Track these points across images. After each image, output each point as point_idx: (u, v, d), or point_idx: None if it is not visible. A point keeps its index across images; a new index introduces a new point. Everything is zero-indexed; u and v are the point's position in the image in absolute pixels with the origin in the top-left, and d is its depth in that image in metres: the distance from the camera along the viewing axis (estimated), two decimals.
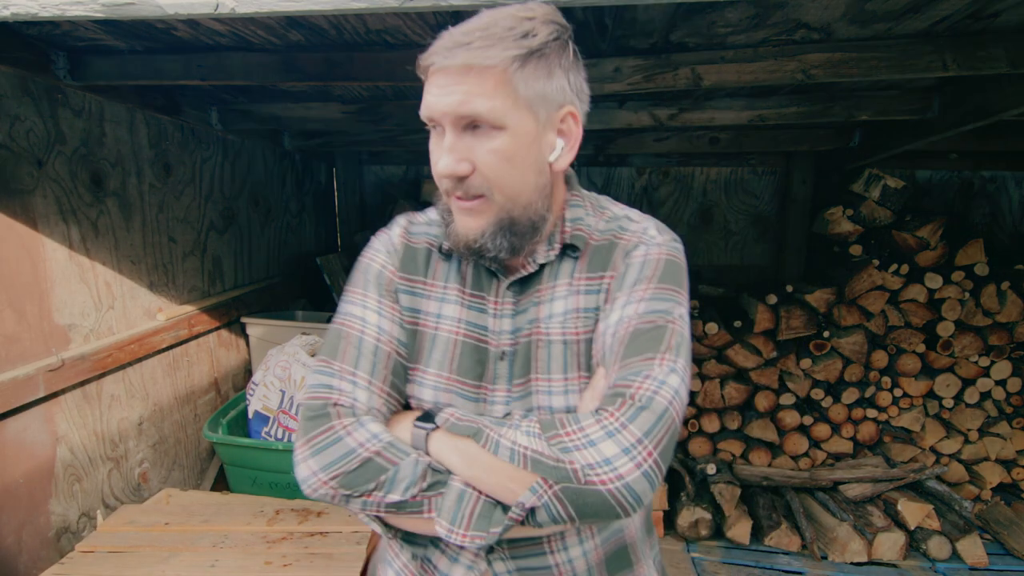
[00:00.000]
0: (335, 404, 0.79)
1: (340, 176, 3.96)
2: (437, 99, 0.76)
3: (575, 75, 0.81)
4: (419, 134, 3.09)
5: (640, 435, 0.71)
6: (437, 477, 0.77)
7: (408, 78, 1.79)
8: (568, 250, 0.88)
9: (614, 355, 0.78)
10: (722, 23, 1.58)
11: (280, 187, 3.30)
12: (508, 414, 0.84)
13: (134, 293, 2.13)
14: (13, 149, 1.63)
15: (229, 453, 2.22)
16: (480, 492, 0.76)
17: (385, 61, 1.76)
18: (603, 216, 0.91)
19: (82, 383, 1.86)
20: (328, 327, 0.92)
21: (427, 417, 0.82)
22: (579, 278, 0.87)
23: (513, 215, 0.80)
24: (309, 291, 3.54)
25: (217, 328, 2.60)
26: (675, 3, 1.27)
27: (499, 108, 0.74)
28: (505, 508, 0.74)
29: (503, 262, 0.86)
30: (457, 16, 1.52)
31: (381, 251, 0.93)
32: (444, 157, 0.77)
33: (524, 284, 0.88)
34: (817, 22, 1.57)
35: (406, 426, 0.82)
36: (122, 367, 2.03)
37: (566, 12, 1.54)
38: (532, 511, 0.73)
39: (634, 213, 0.92)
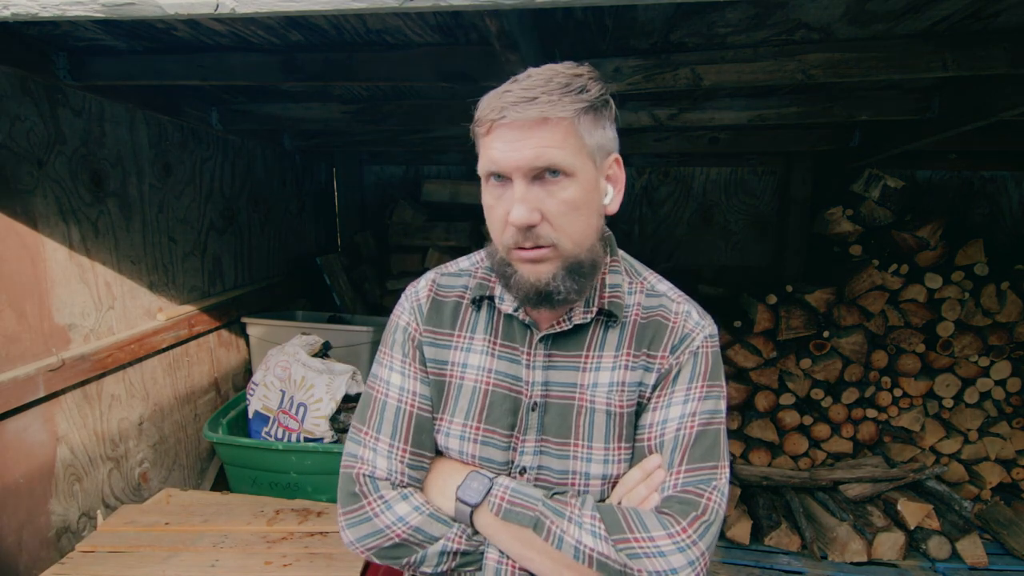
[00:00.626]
0: (359, 475, 0.88)
1: (340, 176, 3.96)
2: (507, 153, 0.78)
3: (615, 125, 0.86)
4: (419, 134, 3.09)
5: (704, 549, 0.80)
6: (468, 557, 0.86)
7: (408, 78, 1.80)
8: (604, 316, 0.90)
9: (680, 454, 0.84)
10: (722, 23, 1.58)
11: (280, 187, 3.30)
12: (556, 493, 0.85)
13: (134, 293, 2.13)
14: (13, 149, 1.63)
15: (229, 453, 2.22)
16: (515, 567, 0.84)
17: (385, 61, 1.75)
18: (642, 287, 0.94)
19: (82, 383, 1.86)
20: (328, 327, 0.95)
21: (471, 484, 0.86)
22: (627, 353, 0.89)
23: (579, 258, 0.83)
24: (309, 291, 3.54)
25: (217, 328, 2.60)
26: (675, 3, 1.27)
27: (569, 156, 0.78)
28: None
29: (538, 317, 0.90)
30: (457, 16, 1.52)
31: (407, 308, 0.97)
32: (518, 208, 0.78)
33: (559, 341, 0.90)
34: (817, 22, 1.57)
35: (448, 494, 0.87)
36: (122, 367, 2.03)
37: (566, 12, 1.55)
38: None
39: (670, 290, 0.95)
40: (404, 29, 1.61)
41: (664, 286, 0.96)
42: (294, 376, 2.23)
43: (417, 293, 0.97)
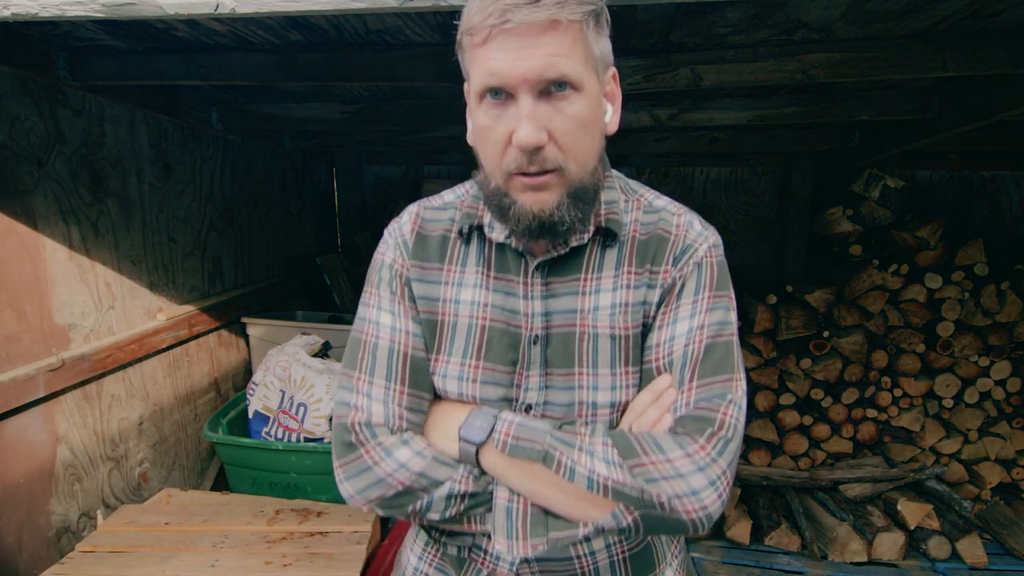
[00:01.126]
0: (354, 423, 0.81)
1: (340, 176, 3.96)
2: (511, 64, 0.68)
3: (608, 39, 0.79)
4: (419, 134, 3.09)
5: (725, 467, 0.74)
6: (476, 499, 0.79)
7: (408, 78, 1.80)
8: (602, 235, 0.84)
9: (690, 370, 0.79)
10: (722, 23, 1.58)
11: (280, 187, 3.30)
12: (564, 424, 0.80)
13: (134, 293, 2.13)
14: (13, 149, 1.63)
15: (229, 453, 2.22)
16: (527, 504, 0.77)
17: (385, 61, 1.75)
18: (639, 204, 0.88)
19: (82, 383, 1.86)
20: (328, 327, 0.93)
21: (473, 422, 0.79)
22: (628, 271, 0.84)
23: (584, 183, 0.76)
24: (309, 291, 3.55)
25: (217, 328, 2.60)
26: (675, 3, 1.27)
27: (579, 67, 0.70)
28: (554, 514, 0.77)
29: (532, 245, 0.83)
30: (457, 16, 1.52)
31: (390, 244, 0.90)
32: (526, 126, 0.69)
33: (555, 266, 0.84)
34: (817, 22, 1.57)
35: (451, 435, 0.80)
36: (122, 367, 2.03)
37: None
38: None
39: (669, 203, 0.90)
40: (404, 29, 1.61)
41: (662, 201, 0.90)
42: (294, 376, 2.23)
43: (401, 228, 0.90)
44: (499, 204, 0.77)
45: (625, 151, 3.36)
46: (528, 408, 0.83)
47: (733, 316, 0.83)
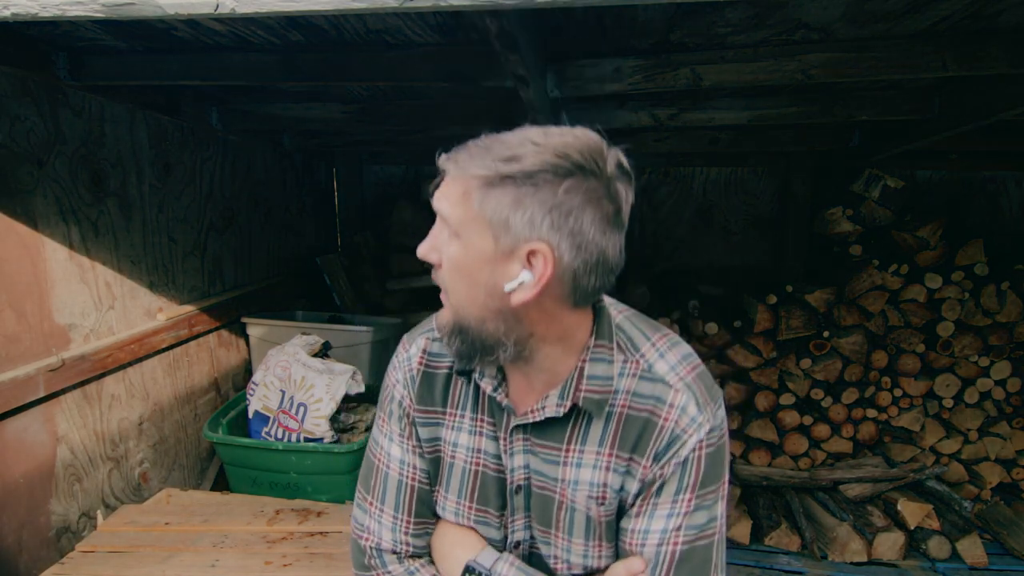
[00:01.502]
0: (367, 546, 0.94)
1: (340, 176, 3.96)
2: (436, 189, 0.77)
3: (568, 215, 0.70)
4: (419, 134, 3.09)
5: None
6: None
7: (408, 78, 1.80)
8: (582, 411, 0.83)
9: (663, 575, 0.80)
10: (722, 23, 1.58)
11: (280, 187, 3.30)
12: None
13: (134, 293, 2.13)
14: (13, 149, 1.63)
15: (229, 453, 2.22)
16: None
17: (385, 61, 1.75)
18: (636, 369, 0.83)
19: (82, 383, 1.86)
20: (328, 327, 0.96)
21: (476, 567, 0.87)
22: (610, 453, 0.82)
23: (464, 324, 0.78)
24: (309, 291, 3.54)
25: (217, 328, 2.60)
26: (675, 3, 1.27)
27: (457, 217, 0.74)
28: None
29: (509, 396, 0.86)
30: (457, 16, 1.52)
31: (400, 380, 0.94)
32: (425, 240, 0.79)
33: (539, 429, 0.85)
34: (817, 22, 1.57)
35: (455, 567, 0.89)
36: (122, 367, 2.03)
37: (566, 12, 1.54)
38: None
39: (672, 370, 0.82)
40: (404, 29, 1.61)
41: (665, 364, 0.83)
42: (294, 376, 2.23)
43: (410, 362, 0.93)
44: None
45: (625, 151, 3.35)
46: (517, 544, 0.91)
47: (720, 509, 0.82)
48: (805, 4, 1.46)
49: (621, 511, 0.85)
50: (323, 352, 2.42)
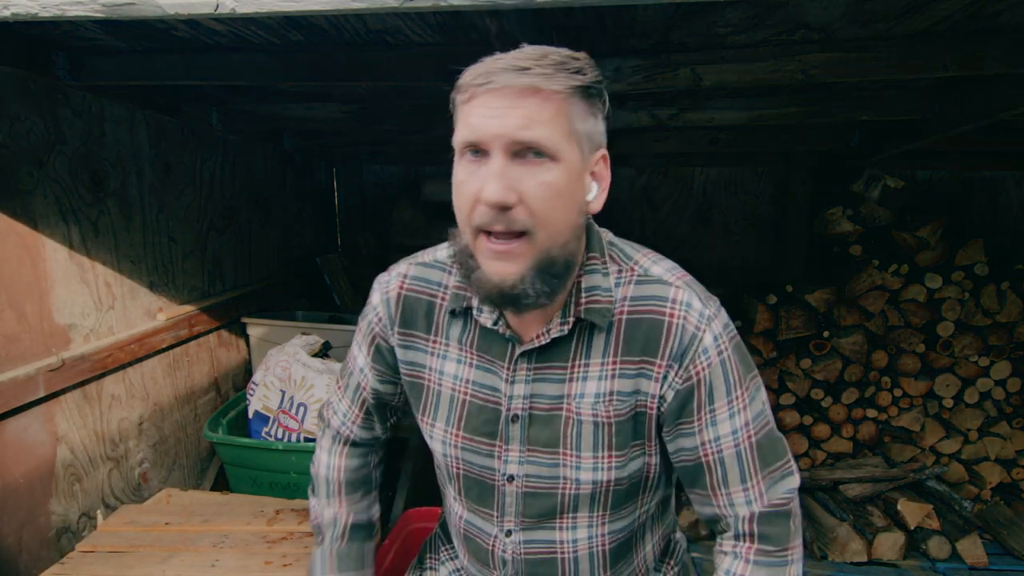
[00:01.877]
0: (323, 412, 1.11)
1: (340, 176, 3.96)
2: (488, 120, 0.70)
3: (606, 121, 0.79)
4: (419, 134, 3.09)
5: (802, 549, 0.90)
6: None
7: (408, 78, 1.80)
8: (585, 325, 0.83)
9: (751, 467, 0.84)
10: (722, 23, 1.58)
11: (280, 187, 3.30)
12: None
13: (134, 293, 2.13)
14: (13, 149, 1.63)
15: (229, 453, 2.22)
16: None
17: (385, 61, 1.75)
18: (632, 275, 0.85)
19: (82, 383, 1.85)
20: (328, 327, 0.99)
21: None
22: (614, 361, 0.83)
23: (552, 255, 0.74)
24: (309, 291, 3.54)
25: (217, 328, 2.60)
26: (675, 3, 1.27)
27: (556, 137, 0.70)
28: None
29: (515, 326, 0.85)
30: (457, 16, 1.52)
31: (377, 301, 0.95)
32: (492, 183, 0.70)
33: (543, 352, 0.85)
34: (817, 22, 1.57)
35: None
36: (122, 367, 2.03)
37: (566, 12, 1.55)
38: None
39: (667, 272, 0.85)
40: (404, 29, 1.61)
41: (659, 268, 0.86)
42: (294, 376, 2.23)
43: (389, 284, 0.95)
44: (465, 265, 0.78)
45: (625, 151, 3.36)
46: (511, 479, 0.89)
47: (763, 394, 0.86)
48: (805, 4, 1.46)
49: (639, 417, 0.84)
50: (323, 352, 2.42)
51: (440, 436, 0.92)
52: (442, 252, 0.94)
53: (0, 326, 1.59)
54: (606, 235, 0.90)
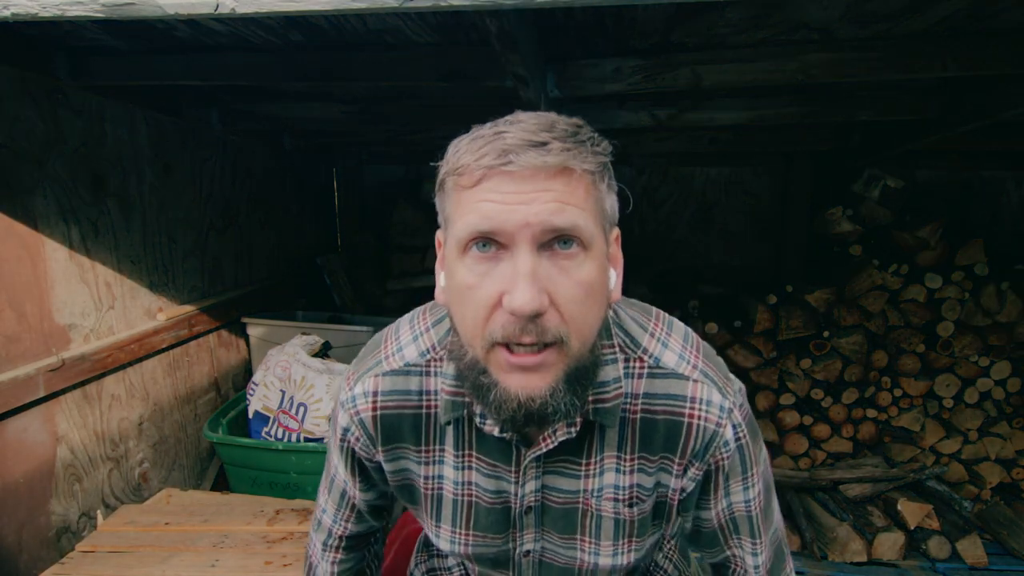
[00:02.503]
0: (314, 517, 0.98)
1: (340, 176, 3.96)
2: (511, 207, 0.57)
3: (616, 192, 0.69)
4: (419, 134, 3.09)
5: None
6: None
7: (408, 78, 1.80)
8: (593, 423, 0.76)
9: (760, 527, 0.86)
10: (722, 23, 1.58)
11: (280, 187, 3.30)
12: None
13: (134, 293, 2.13)
14: (13, 149, 1.63)
15: (229, 453, 2.22)
16: None
17: (385, 61, 1.75)
18: (641, 367, 0.76)
19: (82, 383, 1.86)
20: (328, 327, 0.96)
21: None
22: (632, 457, 0.78)
23: (583, 363, 0.63)
24: (309, 291, 3.54)
25: (217, 328, 2.60)
26: (675, 3, 1.27)
27: (591, 223, 0.60)
28: None
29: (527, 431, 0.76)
30: (457, 16, 1.52)
31: (350, 429, 0.82)
32: (524, 287, 0.56)
33: (550, 453, 0.78)
34: (817, 22, 1.57)
35: None
36: (122, 367, 2.03)
37: (566, 12, 1.55)
38: None
39: (680, 359, 0.76)
40: (404, 29, 1.61)
41: (672, 355, 0.76)
42: (294, 376, 2.23)
43: (355, 403, 0.81)
44: (475, 383, 0.65)
45: (625, 151, 3.36)
46: (527, 553, 0.85)
47: (765, 451, 0.87)
48: (805, 4, 1.46)
49: (660, 506, 0.83)
50: (323, 352, 2.42)
51: (447, 537, 0.85)
52: (410, 350, 0.81)
53: (0, 326, 1.59)
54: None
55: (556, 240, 0.59)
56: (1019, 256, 2.94)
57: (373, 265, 3.83)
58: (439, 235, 0.70)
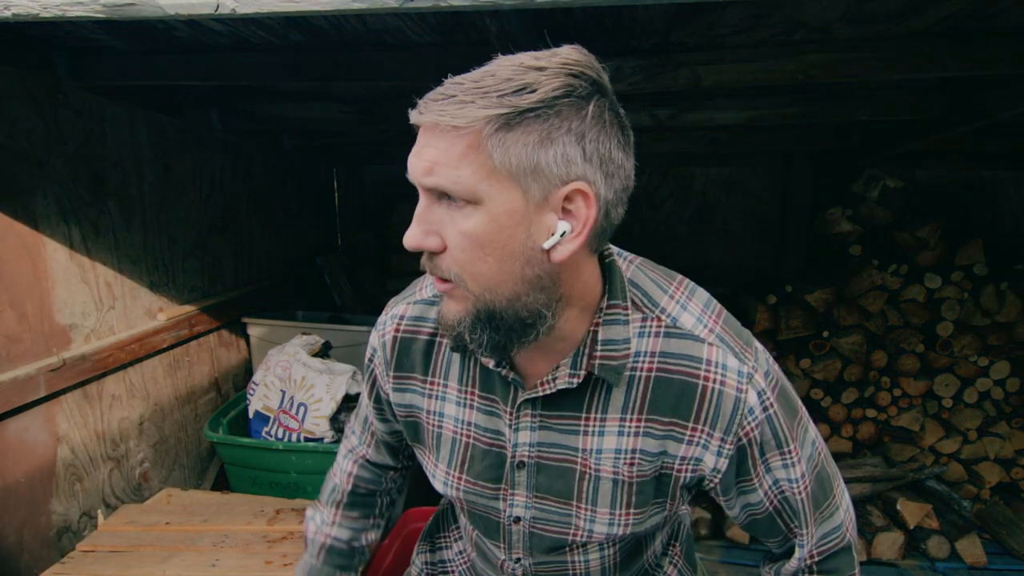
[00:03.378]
0: (345, 430, 1.12)
1: (340, 176, 3.96)
2: (411, 160, 0.64)
3: (596, 142, 0.63)
4: None
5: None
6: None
7: (408, 78, 1.80)
8: (597, 379, 0.76)
9: (808, 511, 0.81)
10: (722, 23, 1.58)
11: (280, 187, 3.30)
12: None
13: (135, 293, 2.13)
14: (13, 149, 1.63)
15: (230, 453, 2.22)
16: None
17: (385, 61, 1.76)
18: (658, 325, 0.75)
19: (83, 383, 1.86)
20: (328, 327, 0.99)
21: None
22: (639, 419, 0.75)
23: (494, 308, 0.66)
24: (309, 291, 3.55)
25: (218, 328, 2.61)
26: (675, 3, 1.27)
27: (467, 180, 0.60)
28: None
29: (515, 367, 0.78)
30: (457, 16, 1.52)
31: (375, 344, 0.92)
32: (412, 227, 0.65)
33: (550, 402, 0.78)
34: (817, 22, 1.57)
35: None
36: (123, 367, 2.03)
37: (566, 12, 1.55)
38: None
39: (699, 322, 0.75)
40: (404, 29, 1.61)
41: (690, 317, 0.75)
42: (294, 376, 2.23)
43: (384, 326, 0.89)
44: (438, 299, 0.75)
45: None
46: (517, 520, 0.85)
47: (812, 429, 0.82)
48: (805, 4, 1.46)
49: (663, 479, 0.79)
50: (323, 352, 2.42)
51: (442, 478, 0.88)
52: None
53: (1, 326, 1.59)
54: (627, 267, 0.79)
55: (439, 192, 0.63)
56: (1019, 256, 2.94)
57: (373, 265, 3.83)
58: None
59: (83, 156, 1.87)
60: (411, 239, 0.66)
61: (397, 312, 0.89)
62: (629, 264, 0.80)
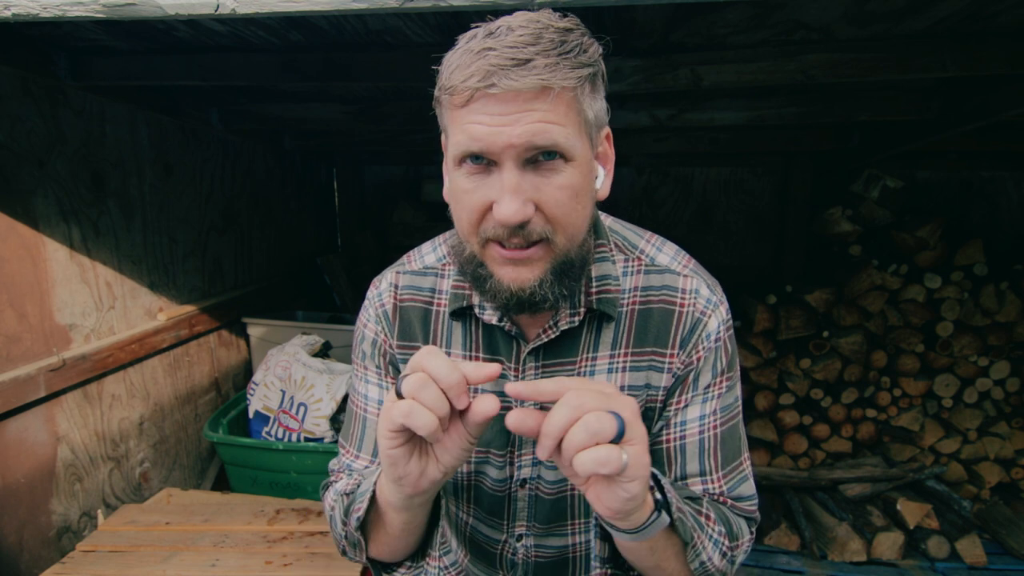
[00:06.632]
0: (328, 483, 0.91)
1: (340, 176, 3.96)
2: (496, 129, 0.62)
3: (605, 90, 0.72)
4: (419, 134, 3.09)
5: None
6: None
7: (408, 78, 1.80)
8: (595, 315, 0.80)
9: (712, 460, 0.81)
10: (722, 23, 1.58)
11: (280, 187, 3.30)
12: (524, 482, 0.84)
13: (135, 293, 2.13)
14: (14, 149, 1.63)
15: (230, 453, 2.22)
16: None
17: (385, 61, 1.76)
18: (639, 264, 0.82)
19: (83, 383, 1.86)
20: (328, 327, 0.92)
21: None
22: (625, 353, 0.79)
23: (570, 256, 0.70)
24: (309, 291, 3.55)
25: (218, 328, 2.61)
26: (675, 3, 1.27)
27: (573, 135, 0.64)
28: None
29: (520, 320, 0.79)
30: (457, 16, 1.52)
31: (372, 315, 0.88)
32: (509, 201, 0.63)
33: (550, 349, 0.80)
34: (817, 22, 1.57)
35: None
36: (123, 367, 2.03)
37: (565, 13, 1.55)
38: None
39: (673, 257, 0.84)
40: (404, 29, 1.61)
41: (665, 256, 0.84)
42: (294, 376, 2.23)
43: (380, 298, 0.87)
44: (475, 275, 0.72)
45: (625, 151, 3.36)
46: (523, 483, 0.86)
47: (738, 390, 0.84)
48: (805, 4, 1.46)
49: (648, 414, 0.80)
50: (323, 352, 2.42)
51: None
52: (429, 256, 0.89)
53: (1, 326, 1.59)
54: (605, 218, 0.86)
55: (540, 153, 0.64)
56: (1018, 256, 2.94)
57: (373, 265, 3.83)
58: (442, 138, 0.74)
59: (83, 156, 1.87)
60: (515, 214, 0.63)
61: (390, 281, 0.88)
62: (606, 216, 0.87)
